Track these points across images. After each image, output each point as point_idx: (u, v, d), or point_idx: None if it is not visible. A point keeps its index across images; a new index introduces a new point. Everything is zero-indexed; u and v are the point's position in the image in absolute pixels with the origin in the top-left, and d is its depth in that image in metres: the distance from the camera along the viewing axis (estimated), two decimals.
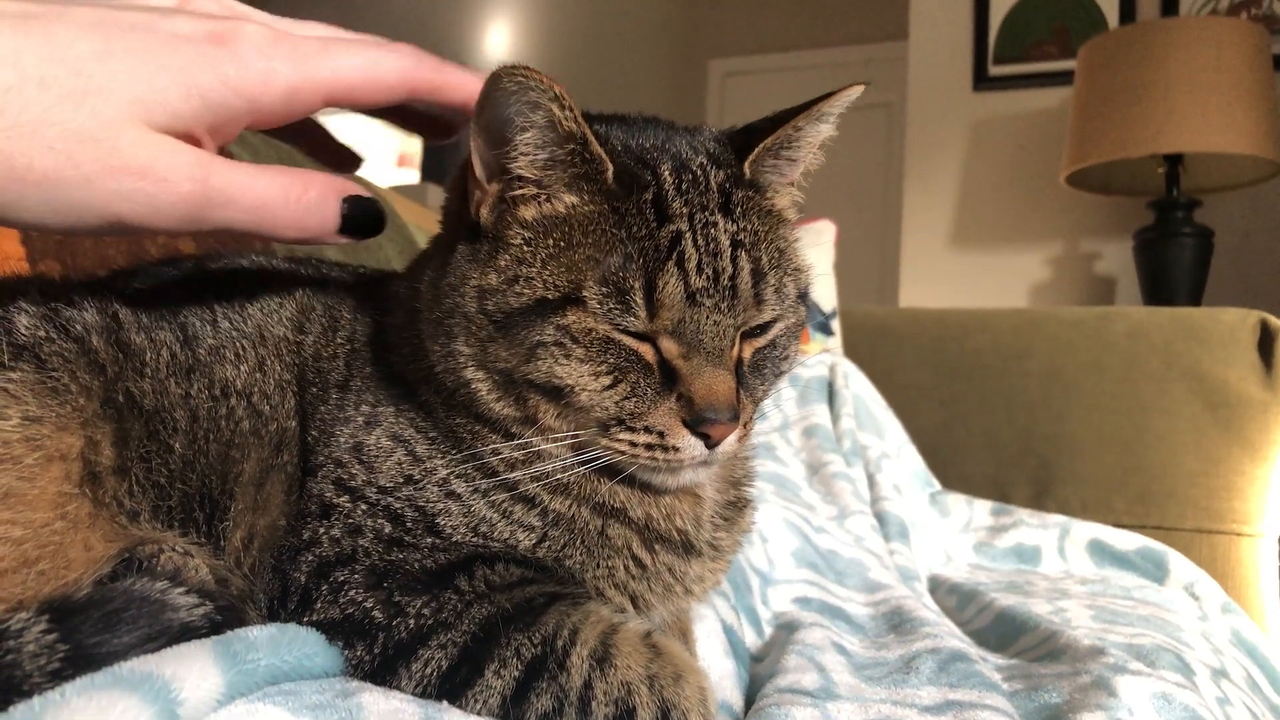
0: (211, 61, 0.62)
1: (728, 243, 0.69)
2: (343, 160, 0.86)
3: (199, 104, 0.62)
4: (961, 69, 3.96)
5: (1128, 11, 3.70)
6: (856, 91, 0.74)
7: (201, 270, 0.86)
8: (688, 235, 0.68)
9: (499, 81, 0.65)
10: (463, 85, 0.73)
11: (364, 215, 0.70)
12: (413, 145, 8.88)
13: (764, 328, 0.74)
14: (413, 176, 8.31)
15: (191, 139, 0.63)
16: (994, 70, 3.90)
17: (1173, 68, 2.85)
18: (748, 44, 6.51)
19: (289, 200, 0.66)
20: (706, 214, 0.69)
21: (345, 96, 0.69)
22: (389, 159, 9.54)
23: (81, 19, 0.60)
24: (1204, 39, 2.86)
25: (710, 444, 0.69)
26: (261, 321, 0.80)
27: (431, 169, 7.52)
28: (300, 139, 0.84)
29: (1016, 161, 3.86)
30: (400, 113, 0.81)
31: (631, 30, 6.98)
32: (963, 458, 2.15)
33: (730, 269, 0.69)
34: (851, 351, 2.25)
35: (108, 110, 0.59)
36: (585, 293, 0.67)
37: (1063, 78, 3.61)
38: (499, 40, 7.55)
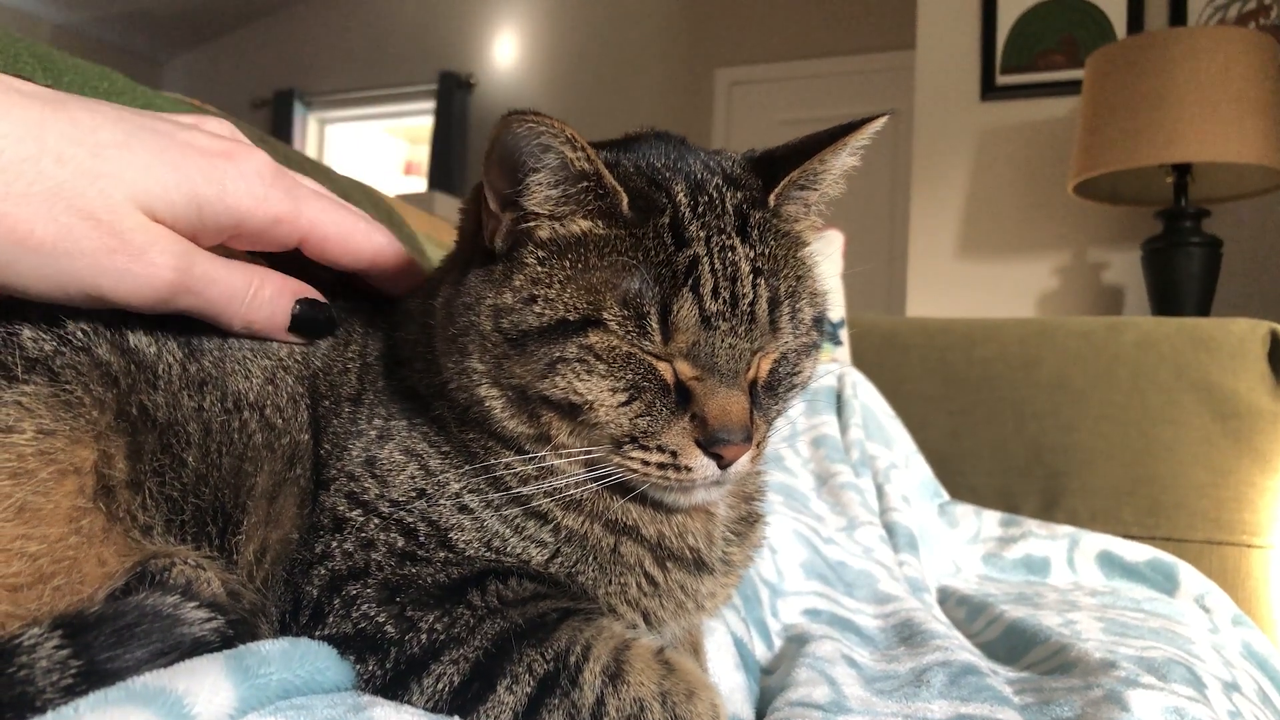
0: (218, 175, 0.68)
1: (747, 269, 0.69)
2: None
3: (195, 209, 0.68)
4: (969, 78, 3.96)
5: (1136, 21, 3.70)
6: (882, 122, 0.75)
7: None
8: (704, 260, 0.68)
9: (509, 126, 0.65)
10: (415, 278, 0.83)
11: (314, 318, 0.77)
12: (420, 153, 8.91)
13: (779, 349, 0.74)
14: (420, 184, 8.35)
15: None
16: (1002, 80, 3.90)
17: (1181, 78, 2.85)
18: (754, 53, 6.51)
19: (247, 295, 0.72)
20: (723, 238, 0.69)
21: (318, 245, 0.76)
22: (396, 167, 9.58)
23: (108, 113, 0.66)
24: (1212, 49, 2.85)
25: (723, 464, 0.69)
26: None
27: (438, 177, 7.56)
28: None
29: (1024, 171, 3.86)
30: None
31: (638, 39, 7.00)
32: (971, 468, 2.15)
33: (750, 294, 0.69)
34: (859, 361, 2.25)
35: (116, 194, 0.63)
36: (605, 314, 0.67)
37: (1070, 87, 3.61)
38: (507, 50, 7.57)
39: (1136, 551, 1.60)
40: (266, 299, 0.74)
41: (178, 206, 0.66)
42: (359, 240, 0.78)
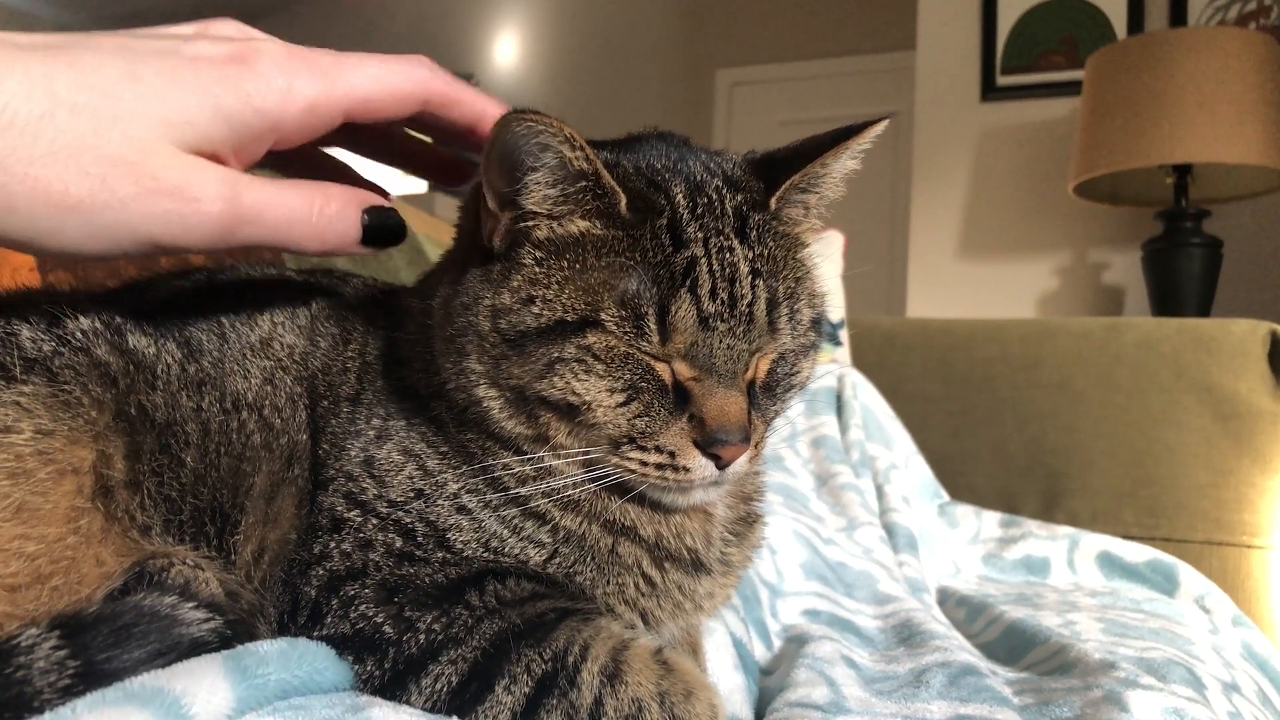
0: (234, 81, 0.64)
1: (746, 270, 0.69)
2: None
3: (224, 124, 0.63)
4: (969, 79, 3.96)
5: (1136, 22, 3.70)
6: (883, 126, 0.75)
7: (212, 282, 0.86)
8: (703, 260, 0.68)
9: (509, 125, 0.65)
10: (474, 102, 0.74)
11: (384, 225, 0.71)
12: None
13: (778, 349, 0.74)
14: (420, 185, 8.33)
15: (218, 160, 0.64)
16: (1002, 80, 3.90)
17: (1181, 78, 2.85)
18: (755, 54, 6.51)
19: (311, 214, 0.67)
20: (722, 238, 0.69)
21: (363, 109, 0.70)
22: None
23: (106, 46, 0.62)
24: (1212, 49, 2.85)
25: (721, 465, 0.69)
26: (272, 333, 0.80)
27: None
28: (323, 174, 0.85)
29: (1024, 172, 3.86)
30: (409, 156, 0.84)
31: (639, 40, 6.99)
32: (971, 469, 2.15)
33: (748, 295, 0.69)
34: (859, 362, 2.25)
35: (139, 133, 0.60)
36: (603, 315, 0.67)
37: (1071, 88, 3.60)
38: (507, 51, 7.57)
39: (1136, 552, 1.60)
40: (334, 213, 0.69)
41: (205, 128, 0.63)
42: (402, 85, 0.71)
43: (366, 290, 0.90)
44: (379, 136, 0.83)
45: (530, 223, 0.70)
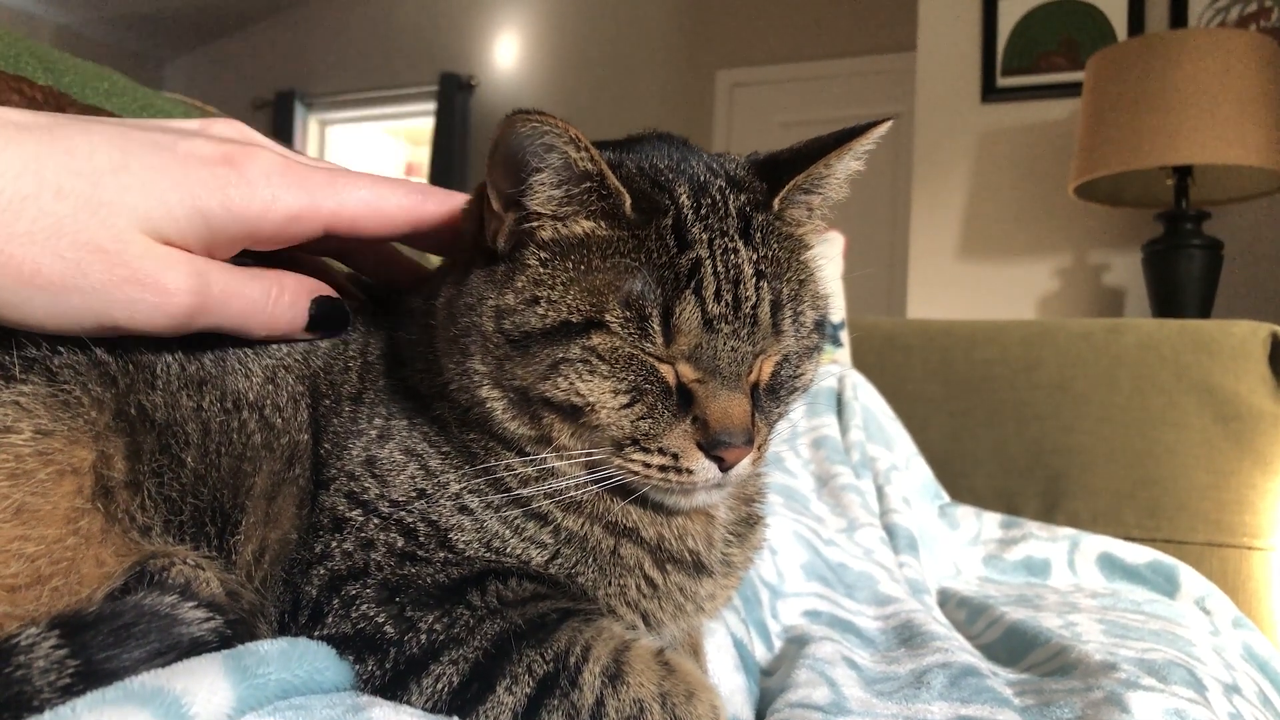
0: (220, 183, 0.66)
1: (750, 272, 0.69)
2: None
3: (202, 223, 0.65)
4: (970, 80, 3.97)
5: (1136, 23, 3.70)
6: (886, 127, 0.75)
7: None
8: (707, 262, 0.68)
9: (513, 126, 0.65)
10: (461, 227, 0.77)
11: (330, 315, 0.76)
12: (420, 154, 8.91)
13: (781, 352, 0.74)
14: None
15: (189, 251, 0.66)
16: (1002, 82, 3.90)
17: (1181, 79, 2.85)
18: (755, 55, 6.51)
19: (268, 304, 0.71)
20: (726, 240, 0.69)
21: (349, 227, 0.73)
22: (397, 168, 9.59)
23: (105, 132, 0.64)
24: (1213, 51, 2.85)
25: (724, 467, 0.69)
26: None
27: (439, 178, 7.55)
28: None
29: (1025, 173, 3.86)
30: (396, 271, 0.87)
31: (639, 41, 7.00)
32: (972, 470, 2.15)
33: (752, 297, 0.69)
34: (860, 363, 2.25)
35: (119, 222, 0.62)
36: (608, 316, 0.67)
37: (1071, 89, 3.61)
38: (508, 52, 7.58)
39: (1137, 553, 1.60)
40: (286, 304, 0.72)
41: (184, 224, 0.64)
42: (390, 210, 0.74)
43: (368, 290, 0.90)
44: (367, 248, 0.85)
45: (535, 223, 0.70)
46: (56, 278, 0.60)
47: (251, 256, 0.74)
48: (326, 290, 0.76)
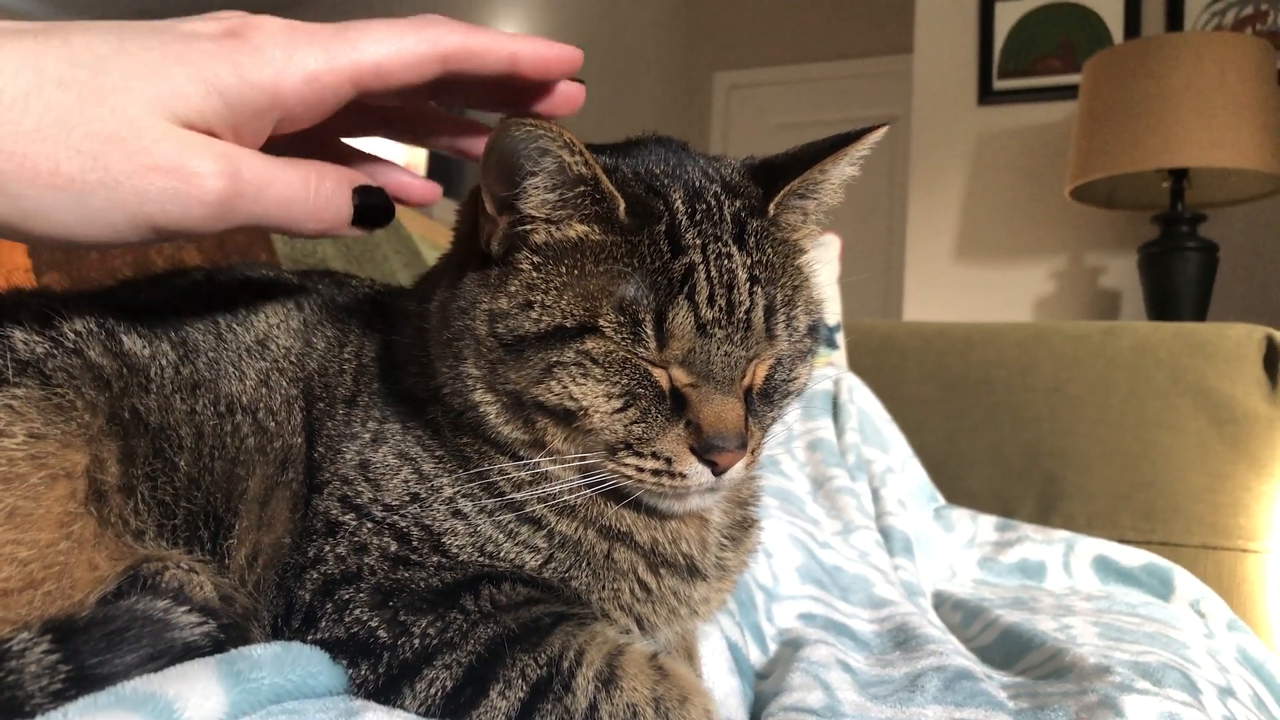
0: (227, 54, 0.61)
1: (744, 277, 0.69)
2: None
3: (218, 99, 0.60)
4: (966, 83, 3.97)
5: (1133, 26, 3.70)
6: (882, 133, 0.75)
7: (208, 282, 0.86)
8: (701, 267, 0.67)
9: (507, 129, 0.65)
10: (501, 46, 0.70)
11: (374, 205, 0.69)
12: (417, 155, 8.89)
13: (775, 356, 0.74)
14: None
15: (215, 136, 0.62)
16: (999, 84, 3.90)
17: (1178, 82, 2.85)
18: (753, 57, 6.52)
19: (309, 193, 0.65)
20: (720, 245, 0.69)
21: (376, 78, 0.66)
22: None
23: (100, 27, 0.60)
24: (1209, 54, 2.86)
25: (717, 471, 0.69)
26: (268, 334, 0.79)
27: (436, 179, 7.54)
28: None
29: (1021, 175, 3.86)
30: (450, 133, 0.80)
31: (637, 43, 7.00)
32: (967, 472, 2.15)
33: (746, 302, 0.69)
34: (856, 365, 2.25)
35: (130, 108, 0.58)
36: (602, 321, 0.67)
37: (1068, 92, 3.61)
38: None
39: (1132, 556, 1.60)
40: (329, 192, 0.66)
41: (199, 102, 0.60)
42: (413, 46, 0.67)
43: (363, 292, 0.89)
44: (411, 116, 0.80)
45: (528, 227, 0.70)
46: (76, 173, 0.56)
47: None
48: (365, 179, 0.70)
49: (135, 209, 0.58)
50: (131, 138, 0.57)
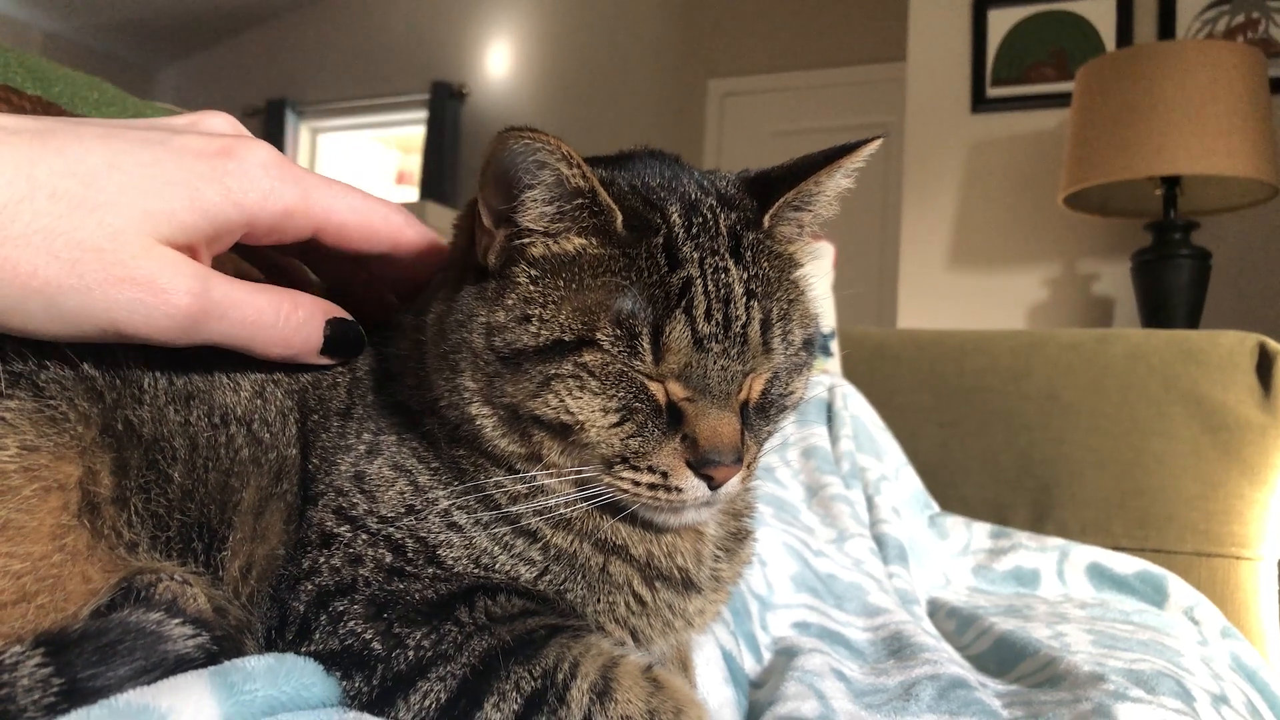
0: (218, 176, 0.65)
1: (740, 291, 0.69)
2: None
3: (202, 217, 0.65)
4: (960, 91, 3.98)
5: (1125, 34, 3.72)
6: (876, 145, 0.75)
7: None
8: (698, 281, 0.68)
9: (505, 142, 0.65)
10: (438, 259, 0.79)
11: (345, 337, 0.75)
12: (411, 162, 8.90)
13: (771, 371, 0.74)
14: (412, 194, 8.35)
15: (190, 251, 0.66)
16: (992, 92, 3.92)
17: (1170, 90, 2.87)
18: (746, 65, 6.54)
19: (278, 319, 0.70)
20: (717, 259, 0.69)
21: (336, 233, 0.73)
22: (388, 176, 9.58)
23: (95, 134, 0.63)
24: (1201, 62, 2.87)
25: (713, 485, 0.69)
26: None
27: (431, 187, 7.56)
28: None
29: (1014, 183, 3.87)
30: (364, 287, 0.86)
31: (631, 51, 7.01)
32: (961, 480, 2.15)
33: (743, 316, 0.69)
34: (850, 373, 2.25)
35: (116, 222, 0.61)
36: (599, 334, 0.67)
37: (1060, 100, 3.63)
38: (500, 61, 7.59)
39: (1126, 564, 1.61)
40: (300, 321, 0.71)
41: (183, 218, 0.64)
42: (377, 224, 0.74)
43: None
44: (340, 264, 0.84)
45: (526, 240, 0.70)
46: (53, 278, 0.59)
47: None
48: (340, 312, 0.75)
49: (102, 315, 0.62)
50: (111, 250, 0.61)
